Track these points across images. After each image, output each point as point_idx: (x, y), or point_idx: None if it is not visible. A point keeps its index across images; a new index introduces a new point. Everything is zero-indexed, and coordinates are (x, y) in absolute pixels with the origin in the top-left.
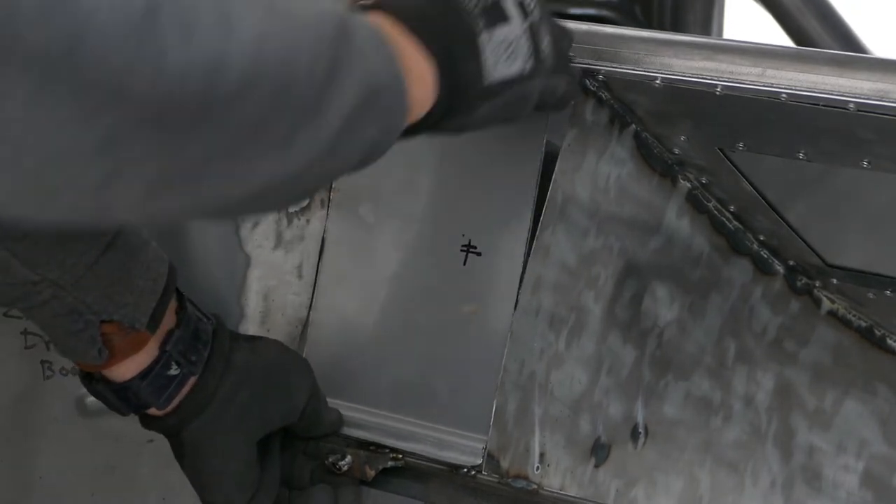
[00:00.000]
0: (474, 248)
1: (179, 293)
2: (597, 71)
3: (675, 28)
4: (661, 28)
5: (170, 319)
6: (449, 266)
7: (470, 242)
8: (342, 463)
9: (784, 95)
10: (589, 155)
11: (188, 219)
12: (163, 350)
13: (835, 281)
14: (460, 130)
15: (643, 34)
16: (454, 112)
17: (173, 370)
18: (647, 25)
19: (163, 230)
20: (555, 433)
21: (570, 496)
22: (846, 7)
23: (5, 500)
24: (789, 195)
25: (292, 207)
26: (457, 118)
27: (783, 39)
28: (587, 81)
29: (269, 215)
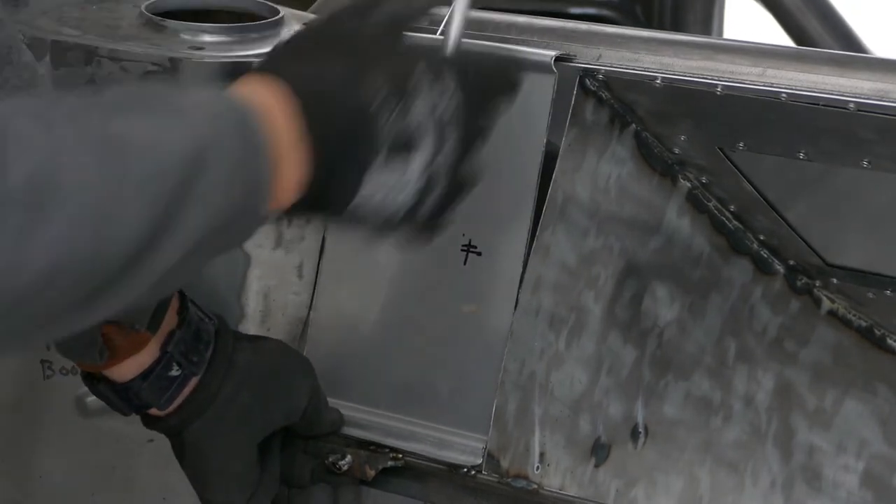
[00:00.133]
0: (474, 248)
1: (181, 294)
2: (597, 71)
3: (675, 28)
4: (661, 28)
5: (171, 320)
6: (449, 266)
7: (470, 242)
8: (342, 463)
9: (784, 95)
10: (589, 155)
11: None
12: (164, 351)
13: (835, 281)
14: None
15: (643, 34)
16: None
17: (174, 371)
18: (648, 25)
19: None
20: (555, 433)
21: (570, 496)
22: (846, 7)
23: (5, 500)
24: (789, 195)
25: None
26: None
27: (783, 39)
28: (587, 81)
29: None
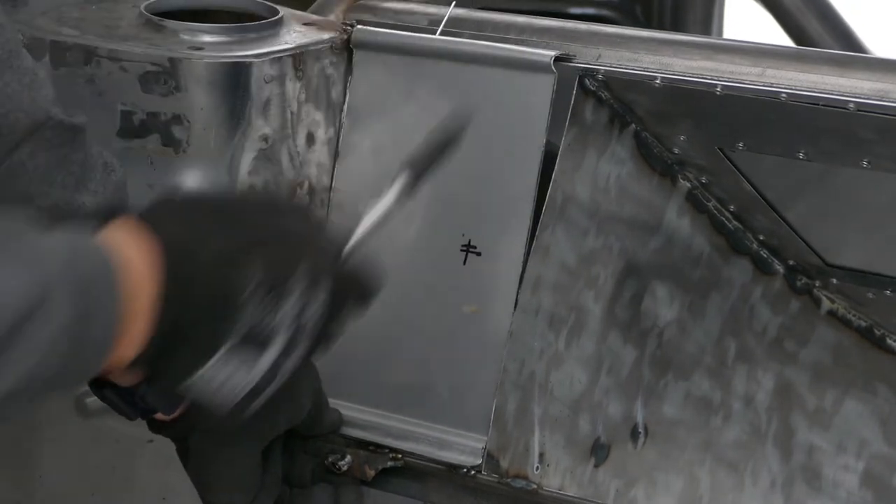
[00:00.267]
0: (474, 248)
1: None
2: (596, 71)
3: (675, 28)
4: (661, 28)
5: None
6: (449, 266)
7: (470, 242)
8: (342, 463)
9: (784, 95)
10: (589, 155)
11: None
12: None
13: (835, 281)
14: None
15: (643, 34)
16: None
17: None
18: (647, 25)
19: None
20: (555, 433)
21: (570, 496)
22: (846, 7)
23: (5, 500)
24: (789, 195)
25: None
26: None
27: (783, 39)
28: (587, 81)
29: None
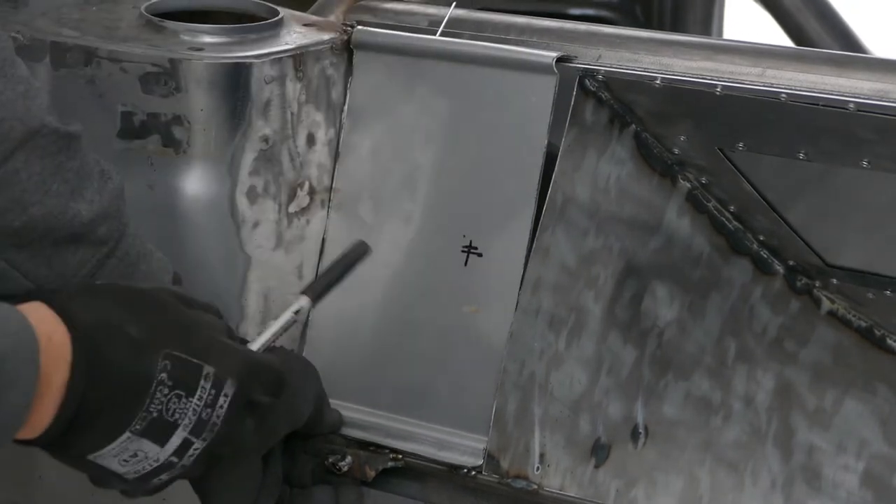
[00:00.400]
0: (475, 249)
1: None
2: (596, 71)
3: (675, 28)
4: (661, 28)
5: None
6: (449, 266)
7: (471, 243)
8: (342, 463)
9: (784, 95)
10: (589, 155)
11: None
12: None
13: (835, 281)
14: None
15: (643, 34)
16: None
17: None
18: (647, 25)
19: (162, 233)
20: (555, 433)
21: (570, 496)
22: (846, 7)
23: (5, 500)
24: (789, 195)
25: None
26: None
27: (783, 39)
28: (587, 82)
29: (271, 215)
